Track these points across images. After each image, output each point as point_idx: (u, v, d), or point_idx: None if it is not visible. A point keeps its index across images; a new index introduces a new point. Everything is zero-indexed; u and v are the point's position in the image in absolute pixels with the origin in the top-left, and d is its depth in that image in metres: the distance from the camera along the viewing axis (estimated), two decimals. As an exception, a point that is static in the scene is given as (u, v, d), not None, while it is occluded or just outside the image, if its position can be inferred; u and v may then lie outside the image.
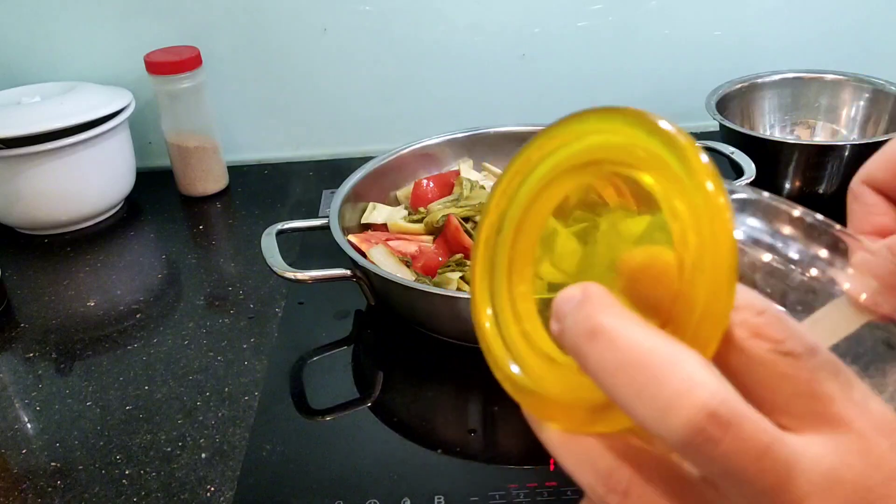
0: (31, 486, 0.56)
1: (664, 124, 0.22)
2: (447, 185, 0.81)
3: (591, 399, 0.22)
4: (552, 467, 0.53)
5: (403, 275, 0.67)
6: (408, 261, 0.69)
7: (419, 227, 0.75)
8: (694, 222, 0.21)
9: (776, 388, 0.22)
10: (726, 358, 0.22)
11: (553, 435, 0.24)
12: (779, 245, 0.25)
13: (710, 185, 0.21)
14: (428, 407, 0.61)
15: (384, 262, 0.67)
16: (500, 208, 0.27)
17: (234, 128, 1.03)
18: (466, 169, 0.84)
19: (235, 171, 1.01)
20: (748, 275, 0.25)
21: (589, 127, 0.24)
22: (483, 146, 0.86)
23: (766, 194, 0.26)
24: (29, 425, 0.62)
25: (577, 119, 0.25)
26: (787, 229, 0.25)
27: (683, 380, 0.20)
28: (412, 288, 0.62)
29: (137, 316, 0.75)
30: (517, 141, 0.86)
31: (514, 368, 0.25)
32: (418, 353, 0.67)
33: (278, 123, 1.04)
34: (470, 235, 0.72)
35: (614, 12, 0.98)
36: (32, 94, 0.90)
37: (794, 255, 0.24)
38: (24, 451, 0.59)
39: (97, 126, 0.86)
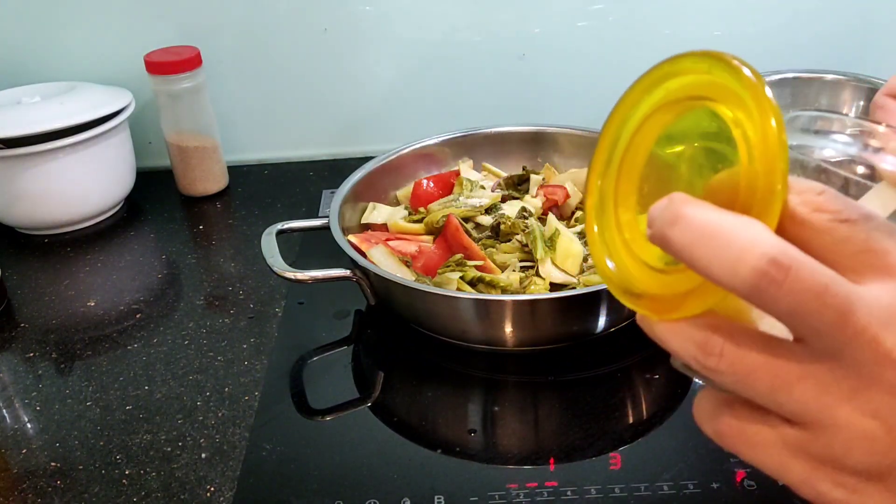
0: (31, 486, 0.56)
1: (744, 69, 0.27)
2: (447, 185, 0.81)
3: (681, 289, 0.28)
4: (552, 467, 0.53)
5: (403, 275, 0.67)
6: (408, 261, 0.69)
7: (419, 227, 0.75)
8: (754, 133, 0.26)
9: (839, 250, 0.26)
10: (795, 232, 0.26)
11: (658, 325, 0.29)
12: (829, 146, 0.31)
13: (768, 109, 0.26)
14: (428, 407, 0.61)
15: (384, 262, 0.67)
16: (608, 141, 0.32)
17: (234, 128, 1.03)
18: (466, 169, 0.84)
19: (235, 171, 1.01)
20: (810, 174, 0.30)
21: (680, 67, 0.30)
22: (483, 146, 0.86)
23: (818, 112, 0.33)
24: (29, 425, 0.62)
25: (670, 62, 0.30)
26: (835, 135, 0.31)
27: (748, 238, 0.25)
28: (412, 288, 0.62)
29: (137, 316, 0.75)
30: (517, 141, 0.86)
31: (621, 279, 0.31)
32: (418, 353, 0.67)
33: (278, 123, 1.04)
34: (470, 235, 0.72)
35: (614, 12, 0.98)
36: (32, 94, 0.90)
37: (843, 154, 0.30)
38: (24, 451, 0.59)
39: (97, 126, 0.86)
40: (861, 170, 0.30)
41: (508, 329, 0.62)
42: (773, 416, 0.28)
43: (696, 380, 0.33)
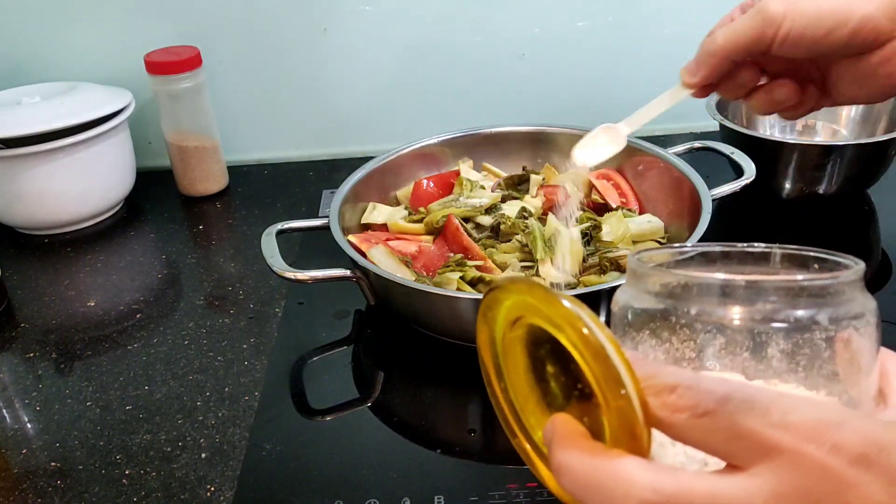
0: (31, 486, 0.56)
1: (562, 301, 0.27)
2: (447, 185, 0.81)
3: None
4: (552, 467, 0.53)
5: (403, 275, 0.67)
6: (408, 261, 0.69)
7: (419, 227, 0.75)
8: (574, 346, 0.27)
9: (711, 441, 0.25)
10: (667, 432, 0.26)
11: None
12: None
13: (584, 329, 0.26)
14: (428, 407, 0.61)
15: (384, 262, 0.67)
16: (490, 364, 0.34)
17: (234, 128, 1.03)
18: (466, 169, 0.84)
19: (235, 171, 1.01)
20: (664, 335, 0.31)
21: (511, 297, 0.30)
22: (483, 146, 0.86)
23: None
24: (29, 425, 0.62)
25: (499, 289, 0.31)
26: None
27: (622, 484, 0.25)
28: (412, 288, 0.62)
29: (137, 316, 0.75)
30: (517, 141, 0.86)
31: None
32: (418, 353, 0.67)
33: (278, 123, 1.04)
34: (470, 235, 0.72)
35: (614, 12, 0.98)
36: (32, 94, 0.90)
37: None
38: (24, 451, 0.59)
39: (97, 126, 0.86)
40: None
41: (508, 329, 0.62)
42: None
43: None
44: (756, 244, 0.33)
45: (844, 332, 0.29)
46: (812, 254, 0.32)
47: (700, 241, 0.63)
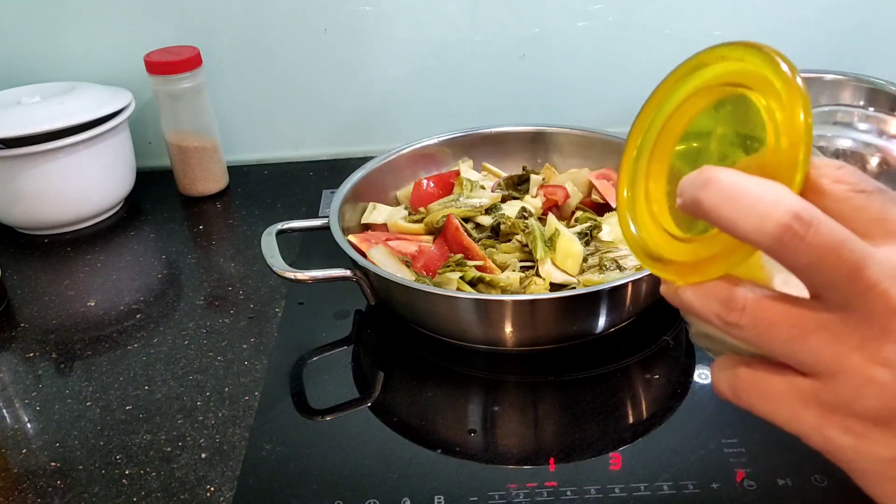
0: (31, 486, 0.56)
1: (777, 58, 0.29)
2: (447, 185, 0.81)
3: (704, 255, 0.31)
4: (552, 467, 0.53)
5: (403, 275, 0.67)
6: (408, 261, 0.69)
7: (419, 227, 0.75)
8: (782, 116, 0.29)
9: (856, 217, 0.28)
10: (815, 201, 0.28)
11: (683, 289, 0.31)
12: (847, 137, 0.35)
13: (797, 95, 0.29)
14: (428, 407, 0.61)
15: (384, 262, 0.67)
16: (643, 123, 0.35)
17: (234, 128, 1.03)
18: (466, 169, 0.84)
19: (235, 171, 1.01)
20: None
21: (714, 56, 0.32)
22: (483, 146, 0.86)
23: (836, 106, 0.37)
24: (29, 425, 0.62)
25: (705, 52, 0.33)
26: (851, 126, 0.36)
27: (773, 197, 0.27)
28: (412, 288, 0.62)
29: (137, 316, 0.75)
30: (517, 141, 0.86)
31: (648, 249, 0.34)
32: (418, 353, 0.67)
33: (278, 123, 1.04)
34: (470, 235, 0.72)
35: (614, 12, 0.98)
36: (32, 94, 0.90)
37: (860, 143, 0.35)
38: (24, 451, 0.59)
39: (97, 126, 0.86)
40: (875, 159, 0.34)
41: (508, 329, 0.62)
42: (787, 370, 0.30)
43: (711, 354, 0.35)
44: None
45: None
46: None
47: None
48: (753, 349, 0.32)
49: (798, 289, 0.30)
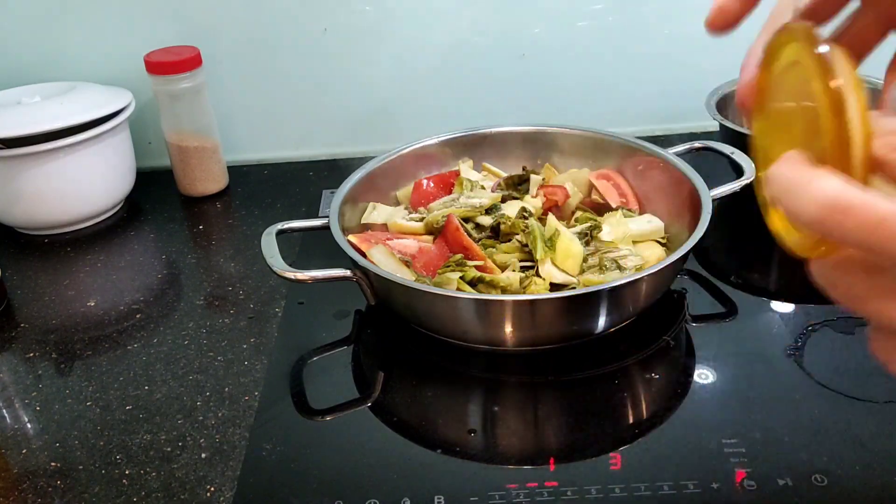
0: (31, 486, 0.56)
1: (822, 49, 0.31)
2: (447, 185, 0.81)
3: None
4: (552, 467, 0.53)
5: (403, 275, 0.67)
6: (408, 261, 0.69)
7: (419, 227, 0.75)
8: (819, 92, 0.30)
9: None
10: (882, 171, 0.29)
11: (815, 263, 0.32)
12: None
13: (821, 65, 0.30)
14: (428, 407, 0.61)
15: (384, 262, 0.67)
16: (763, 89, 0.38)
17: (234, 128, 1.03)
18: (466, 169, 0.84)
19: (235, 171, 1.01)
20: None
21: (785, 38, 0.35)
22: (483, 146, 0.86)
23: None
24: (29, 425, 0.62)
25: (782, 32, 0.36)
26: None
27: (816, 187, 0.28)
28: (412, 288, 0.62)
29: (137, 316, 0.75)
30: (517, 141, 0.86)
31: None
32: (418, 353, 0.67)
33: (278, 123, 1.04)
34: (470, 235, 0.72)
35: (614, 12, 0.98)
36: (32, 94, 0.90)
37: None
38: (24, 451, 0.59)
39: (97, 126, 0.86)
40: None
41: (508, 329, 0.62)
42: None
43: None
44: None
45: None
46: None
47: (699, 241, 0.63)
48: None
49: None
